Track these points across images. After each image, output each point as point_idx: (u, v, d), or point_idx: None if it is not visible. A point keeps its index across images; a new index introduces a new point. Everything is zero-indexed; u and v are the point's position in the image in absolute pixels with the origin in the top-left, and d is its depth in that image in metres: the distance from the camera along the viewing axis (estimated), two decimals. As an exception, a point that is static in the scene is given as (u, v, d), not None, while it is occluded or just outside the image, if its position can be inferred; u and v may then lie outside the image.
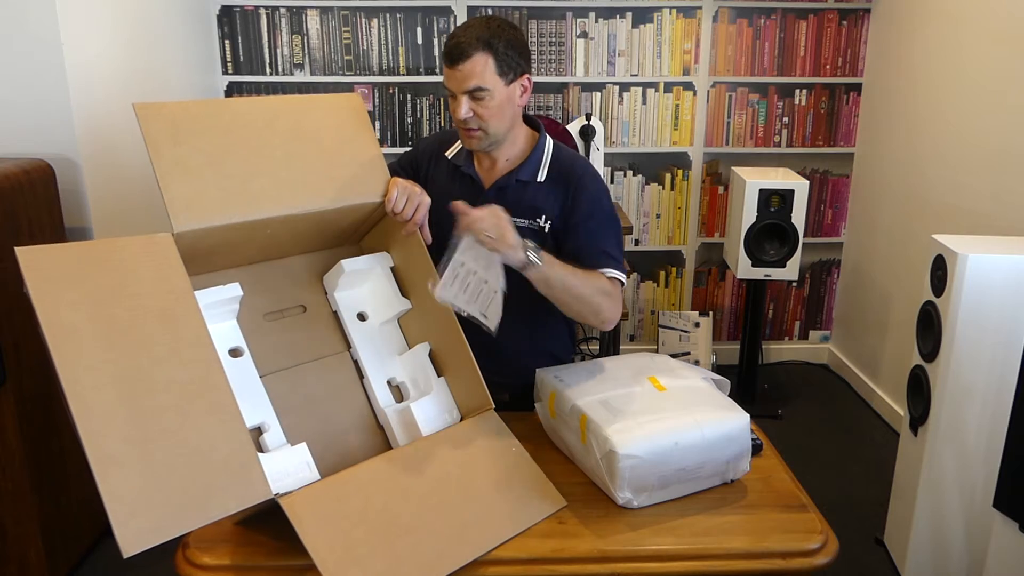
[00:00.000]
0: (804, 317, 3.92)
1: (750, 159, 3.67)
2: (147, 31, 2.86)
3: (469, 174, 1.73)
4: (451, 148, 1.79)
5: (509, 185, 1.70)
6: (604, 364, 1.61)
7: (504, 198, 1.69)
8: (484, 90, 1.57)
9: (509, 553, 1.26)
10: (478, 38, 1.55)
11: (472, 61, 1.55)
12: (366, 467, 1.28)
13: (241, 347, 1.38)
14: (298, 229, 1.48)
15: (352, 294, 1.55)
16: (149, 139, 1.29)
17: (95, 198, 2.46)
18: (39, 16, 2.25)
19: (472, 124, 1.61)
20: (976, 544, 2.22)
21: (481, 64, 1.55)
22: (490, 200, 1.69)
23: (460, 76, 1.56)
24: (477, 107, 1.59)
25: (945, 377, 2.13)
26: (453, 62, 1.56)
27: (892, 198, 3.34)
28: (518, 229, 1.65)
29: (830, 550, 1.30)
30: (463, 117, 1.59)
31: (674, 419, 1.38)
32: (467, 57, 1.54)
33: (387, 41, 3.49)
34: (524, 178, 1.70)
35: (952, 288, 2.09)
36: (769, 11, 3.52)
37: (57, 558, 2.26)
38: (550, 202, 1.69)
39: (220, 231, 1.33)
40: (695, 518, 1.34)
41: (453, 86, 1.58)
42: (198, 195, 1.31)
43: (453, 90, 1.59)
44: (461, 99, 1.58)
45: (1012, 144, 2.56)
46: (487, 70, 1.56)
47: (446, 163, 1.78)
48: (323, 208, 1.44)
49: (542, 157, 1.72)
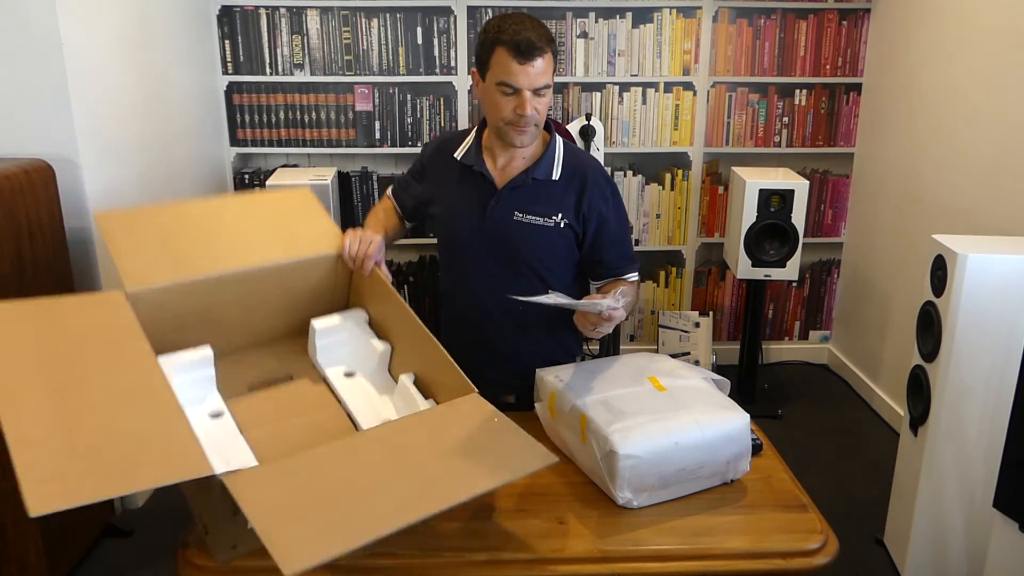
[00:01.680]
0: (804, 317, 3.92)
1: (750, 159, 3.67)
2: (147, 31, 2.86)
3: (481, 172, 1.73)
4: (459, 148, 1.78)
5: (525, 184, 1.71)
6: (604, 364, 1.61)
7: (519, 196, 1.71)
8: (548, 87, 1.60)
9: (509, 553, 1.26)
10: (544, 36, 1.57)
11: (545, 59, 1.57)
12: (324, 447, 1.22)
13: (221, 409, 1.35)
14: (267, 296, 1.49)
15: (335, 356, 1.54)
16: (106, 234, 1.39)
17: (95, 198, 2.46)
18: (39, 16, 2.25)
19: (532, 120, 1.61)
20: (976, 544, 2.22)
21: (549, 62, 1.58)
22: (504, 197, 1.71)
23: (534, 73, 1.56)
24: (538, 103, 1.60)
25: (945, 377, 2.13)
26: (527, 58, 1.55)
27: (892, 198, 3.34)
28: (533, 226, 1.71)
29: (830, 550, 1.30)
30: (530, 114, 1.59)
31: (674, 419, 1.38)
32: (541, 54, 1.56)
33: (387, 41, 3.49)
34: (539, 176, 1.71)
35: (952, 288, 2.09)
36: (769, 11, 3.51)
37: (57, 558, 2.26)
38: (566, 201, 1.72)
39: (177, 295, 1.36)
40: (695, 518, 1.34)
41: (524, 82, 1.56)
42: (151, 263, 1.38)
43: (523, 86, 1.57)
44: (527, 95, 1.57)
45: (1012, 144, 2.56)
46: (550, 68, 1.59)
47: (455, 164, 1.77)
48: (276, 263, 1.47)
49: (555, 155, 1.73)
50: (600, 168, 1.78)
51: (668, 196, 3.70)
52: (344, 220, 3.53)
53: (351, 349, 1.56)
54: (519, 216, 1.71)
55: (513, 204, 1.71)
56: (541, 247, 1.73)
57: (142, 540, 2.54)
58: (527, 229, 1.71)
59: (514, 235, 1.71)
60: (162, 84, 2.98)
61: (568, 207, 1.71)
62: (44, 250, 2.21)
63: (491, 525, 1.33)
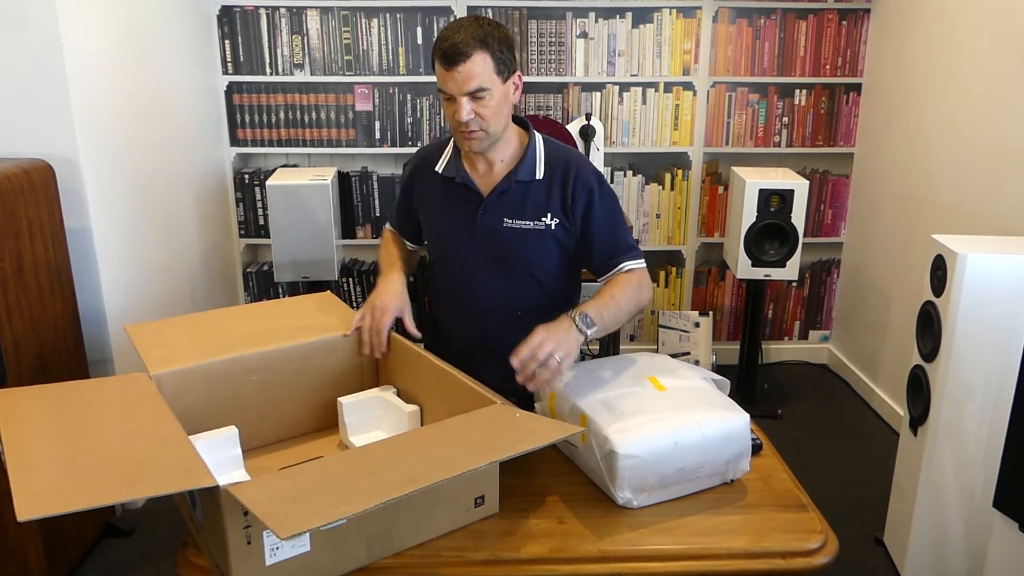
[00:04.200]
0: (804, 317, 3.92)
1: (750, 159, 3.67)
2: (147, 31, 2.86)
3: (465, 184, 1.71)
4: (439, 162, 1.75)
5: (509, 188, 1.69)
6: (604, 364, 1.61)
7: (505, 201, 1.69)
8: (485, 90, 1.54)
9: (509, 553, 1.26)
10: (474, 37, 1.51)
11: (472, 61, 1.51)
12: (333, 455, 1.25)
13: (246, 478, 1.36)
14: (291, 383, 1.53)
15: (367, 436, 1.54)
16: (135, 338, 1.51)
17: (95, 198, 2.46)
18: (39, 16, 2.25)
19: (473, 125, 1.57)
20: (976, 544, 2.22)
21: (480, 64, 1.52)
22: (491, 205, 1.69)
23: (460, 78, 1.52)
24: (478, 108, 1.56)
25: (945, 377, 2.13)
26: (451, 64, 1.51)
27: (892, 198, 3.34)
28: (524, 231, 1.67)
29: (830, 550, 1.30)
30: (465, 119, 1.55)
31: (674, 419, 1.38)
32: (466, 58, 1.50)
33: (387, 41, 3.49)
34: (523, 178, 1.68)
35: (952, 288, 2.09)
36: (769, 11, 3.51)
37: (57, 558, 2.26)
38: (553, 200, 1.69)
39: (201, 379, 1.40)
40: (695, 518, 1.34)
41: (452, 88, 1.54)
42: (176, 352, 1.45)
43: (452, 92, 1.54)
44: (461, 101, 1.54)
45: (1012, 144, 2.56)
46: (486, 69, 1.53)
47: (437, 178, 1.75)
48: (296, 344, 1.52)
49: (536, 155, 1.70)
50: (581, 158, 1.73)
51: (668, 196, 3.70)
52: (344, 220, 3.53)
53: (381, 421, 1.55)
54: (508, 222, 1.68)
55: (501, 211, 1.69)
56: (534, 251, 1.71)
57: (142, 540, 2.54)
58: (518, 234, 1.69)
59: (505, 242, 1.69)
60: (162, 84, 2.98)
61: (555, 205, 1.68)
62: (44, 250, 2.21)
63: (491, 525, 1.33)
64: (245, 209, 3.65)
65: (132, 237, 2.69)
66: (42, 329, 2.20)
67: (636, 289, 1.65)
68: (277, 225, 3.08)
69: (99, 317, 2.51)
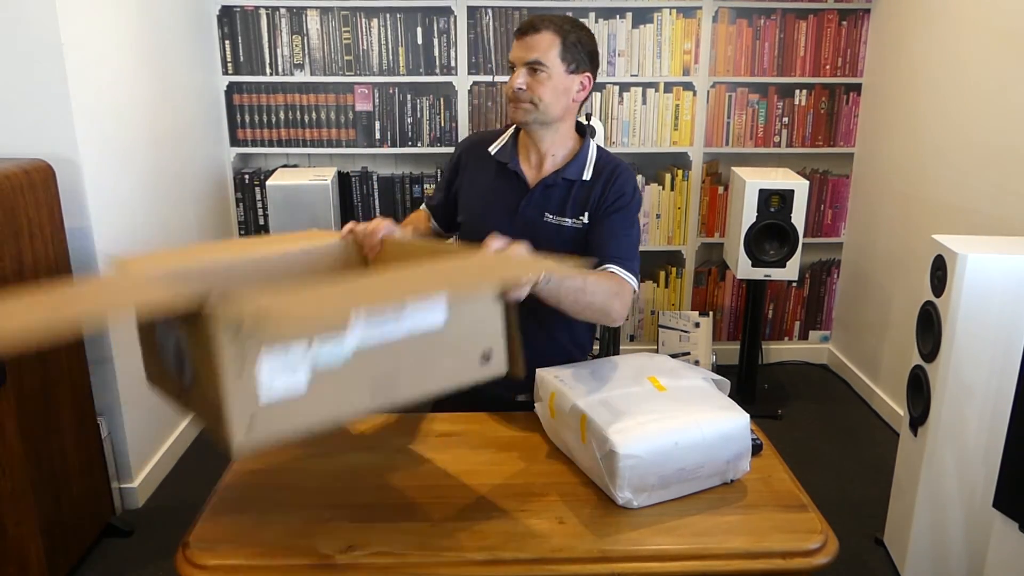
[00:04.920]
0: (804, 317, 3.92)
1: (750, 159, 3.67)
2: (147, 31, 2.86)
3: (515, 171, 1.74)
4: (494, 144, 1.80)
5: (556, 183, 1.72)
6: (604, 364, 1.61)
7: (550, 195, 1.73)
8: (543, 66, 1.62)
9: (509, 553, 1.26)
10: (552, 21, 1.62)
11: (540, 36, 1.61)
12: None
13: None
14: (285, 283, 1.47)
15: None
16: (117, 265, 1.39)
17: (95, 198, 2.46)
18: (39, 16, 2.25)
19: (524, 96, 1.64)
20: (976, 544, 2.22)
21: (547, 41, 1.62)
22: (536, 197, 1.73)
23: (524, 47, 1.61)
24: (532, 80, 1.63)
25: (945, 377, 2.13)
26: (522, 33, 1.62)
27: (892, 198, 3.34)
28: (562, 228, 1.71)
29: (830, 550, 1.30)
30: (517, 86, 1.63)
31: (674, 419, 1.38)
32: (536, 31, 1.61)
33: (387, 41, 3.49)
34: (570, 176, 1.72)
35: (952, 288, 2.09)
36: (769, 11, 3.51)
37: (57, 558, 2.26)
38: (592, 200, 1.72)
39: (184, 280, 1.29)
40: (695, 518, 1.34)
41: (515, 55, 1.63)
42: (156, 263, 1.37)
43: (514, 60, 1.64)
44: (520, 70, 1.63)
45: (1012, 144, 2.56)
46: (551, 49, 1.62)
47: (490, 160, 1.79)
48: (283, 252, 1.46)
49: (587, 157, 1.74)
50: (628, 172, 1.76)
51: (668, 196, 3.70)
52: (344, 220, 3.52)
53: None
54: (549, 217, 1.72)
55: (544, 204, 1.72)
56: (568, 248, 1.73)
57: (142, 540, 2.55)
58: (555, 230, 1.71)
59: (543, 235, 1.70)
60: (162, 84, 2.98)
61: (593, 205, 1.72)
62: (44, 250, 2.21)
63: (491, 525, 1.33)
64: (245, 209, 3.65)
65: (132, 237, 2.69)
66: (42, 329, 2.20)
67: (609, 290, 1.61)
68: (277, 225, 3.08)
69: (99, 317, 2.50)
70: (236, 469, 1.51)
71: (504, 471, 1.49)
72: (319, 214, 3.08)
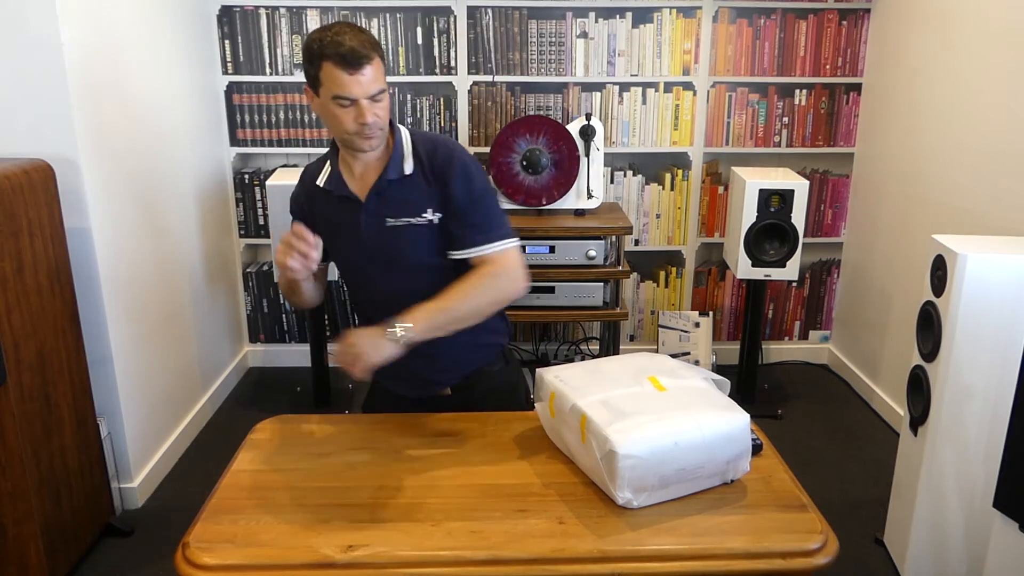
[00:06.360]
0: (804, 317, 3.92)
1: (750, 159, 3.67)
2: (147, 31, 2.86)
3: (344, 195, 1.69)
4: (320, 178, 1.73)
5: (383, 189, 1.66)
6: (604, 364, 1.61)
7: (384, 202, 1.67)
8: (383, 92, 1.58)
9: (509, 553, 1.26)
10: (368, 43, 1.55)
11: (373, 65, 1.55)
12: None
13: None
14: None
15: None
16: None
17: (95, 198, 2.46)
18: (39, 16, 2.25)
19: (375, 127, 1.59)
20: (976, 544, 2.22)
21: (378, 67, 1.57)
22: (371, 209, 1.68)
23: (365, 81, 1.54)
24: (377, 109, 1.58)
25: (945, 377, 2.14)
26: (355, 68, 1.53)
27: (892, 198, 3.34)
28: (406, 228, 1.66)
29: (830, 550, 1.30)
30: (371, 121, 1.57)
31: (674, 419, 1.38)
32: (369, 61, 1.54)
33: (387, 41, 3.48)
34: (393, 176, 1.66)
35: (952, 288, 2.09)
36: (769, 11, 3.51)
37: (57, 558, 2.26)
38: (429, 193, 1.66)
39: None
40: (695, 518, 1.34)
41: (357, 91, 1.54)
42: None
43: (356, 96, 1.55)
44: (364, 104, 1.56)
45: (1012, 144, 2.56)
46: (381, 73, 1.58)
47: (322, 194, 1.73)
48: None
49: (403, 151, 1.68)
50: (452, 147, 1.70)
51: (668, 196, 3.70)
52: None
53: None
54: (391, 221, 1.67)
55: (381, 211, 1.67)
56: (423, 246, 1.68)
57: (142, 540, 2.55)
58: (402, 232, 1.67)
59: (392, 241, 1.67)
60: (162, 84, 2.98)
61: (433, 199, 1.66)
62: (44, 250, 2.21)
63: (491, 525, 1.33)
64: (245, 209, 3.65)
65: (132, 237, 2.69)
66: (42, 329, 2.20)
67: (486, 284, 1.62)
68: (277, 225, 3.08)
69: (99, 317, 2.51)
70: (236, 469, 1.51)
71: (504, 471, 1.49)
72: (319, 214, 3.08)
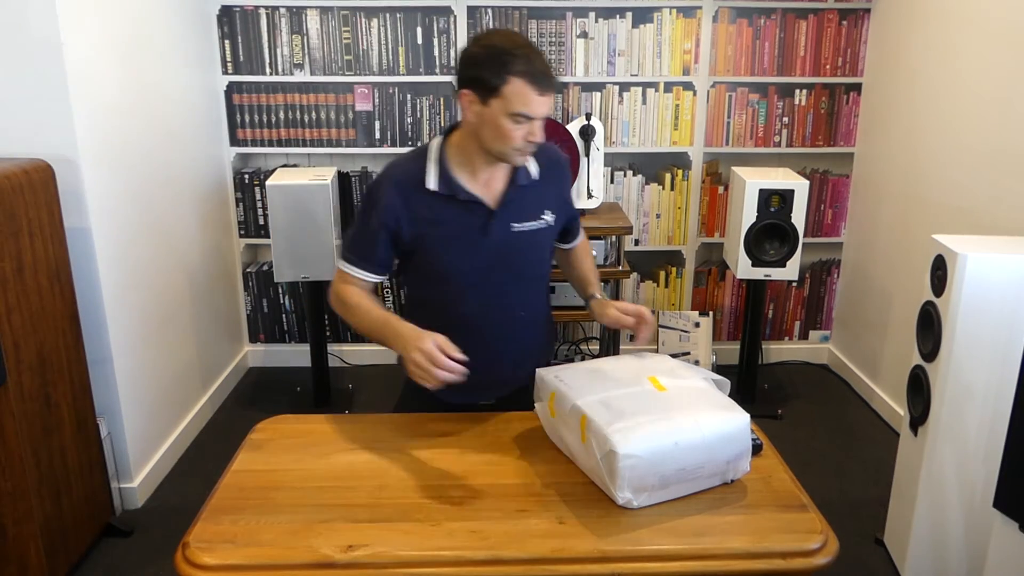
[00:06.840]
0: (804, 317, 3.92)
1: (750, 159, 3.67)
2: (147, 31, 2.86)
3: (471, 200, 1.66)
4: (427, 178, 1.66)
5: (515, 197, 1.70)
6: (604, 364, 1.61)
7: (512, 209, 1.70)
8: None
9: (509, 553, 1.26)
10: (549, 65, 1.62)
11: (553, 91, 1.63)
12: None
13: None
14: None
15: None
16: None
17: (95, 198, 2.46)
18: (39, 16, 2.25)
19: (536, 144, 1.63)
20: (976, 544, 2.22)
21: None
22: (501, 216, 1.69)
23: (549, 103, 1.60)
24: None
25: (945, 377, 2.13)
26: (546, 89, 1.57)
27: (892, 198, 3.34)
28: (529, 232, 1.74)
29: (830, 550, 1.30)
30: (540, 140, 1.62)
31: (674, 419, 1.38)
32: (555, 89, 1.62)
33: (387, 41, 3.49)
34: (523, 182, 1.71)
35: (952, 288, 2.09)
36: (769, 11, 3.51)
37: (57, 558, 2.26)
38: (546, 195, 1.76)
39: None
40: (695, 518, 1.34)
41: (541, 112, 1.57)
42: None
43: (538, 115, 1.57)
44: (538, 123, 1.59)
45: (1012, 144, 2.56)
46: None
47: (432, 197, 1.66)
48: None
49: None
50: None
51: (668, 196, 3.70)
52: (344, 220, 3.53)
53: None
54: (516, 227, 1.70)
55: (509, 218, 1.69)
56: (540, 249, 1.78)
57: (142, 540, 2.55)
58: (526, 237, 1.71)
59: (516, 246, 1.70)
60: (162, 84, 2.98)
61: (549, 199, 1.76)
62: (44, 250, 2.21)
63: (491, 525, 1.33)
64: (245, 209, 3.65)
65: (132, 237, 2.69)
66: (42, 329, 2.20)
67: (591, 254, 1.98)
68: (277, 225, 3.08)
69: (99, 317, 2.51)
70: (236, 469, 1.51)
71: (504, 471, 1.49)
72: (319, 214, 3.08)
